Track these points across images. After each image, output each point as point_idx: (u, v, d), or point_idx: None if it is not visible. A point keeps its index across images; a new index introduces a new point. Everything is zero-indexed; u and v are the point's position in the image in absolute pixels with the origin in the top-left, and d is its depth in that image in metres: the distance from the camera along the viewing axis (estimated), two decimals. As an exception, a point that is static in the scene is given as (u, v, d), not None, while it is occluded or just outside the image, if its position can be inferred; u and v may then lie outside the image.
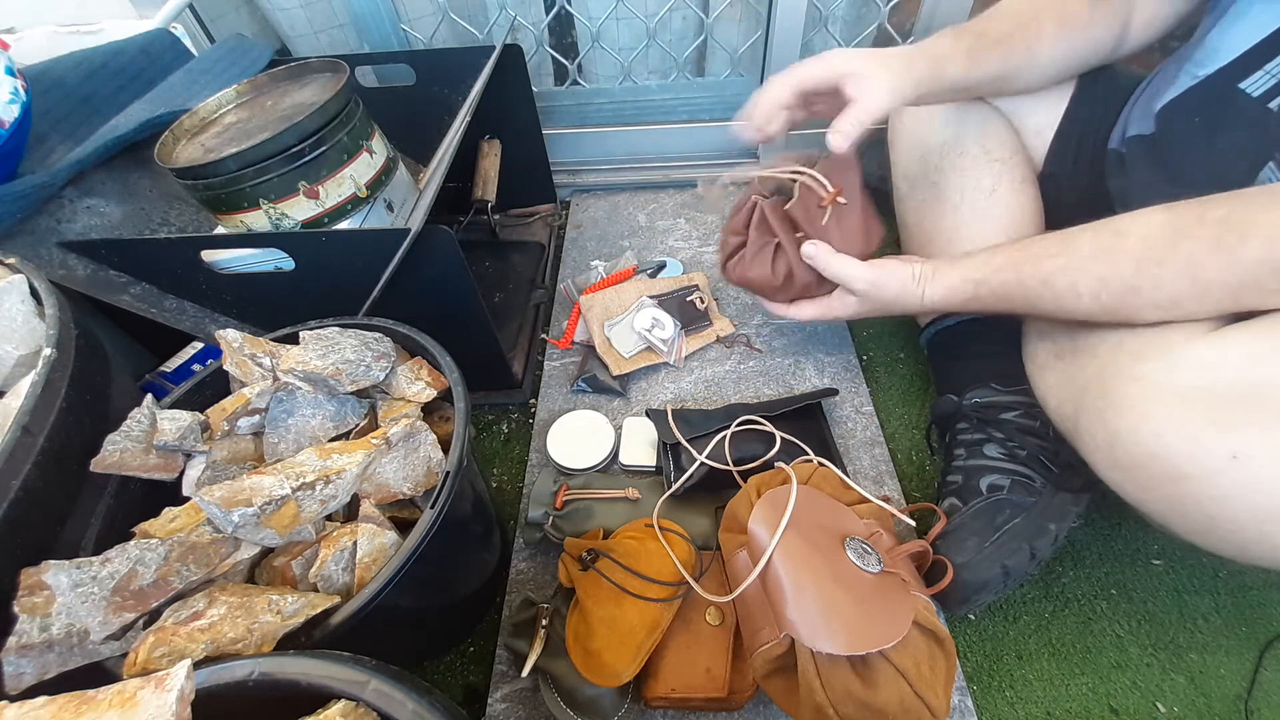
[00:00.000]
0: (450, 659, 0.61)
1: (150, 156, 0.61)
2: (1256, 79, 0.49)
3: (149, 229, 0.68)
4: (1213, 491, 0.39)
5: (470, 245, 1.03)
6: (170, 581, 0.38)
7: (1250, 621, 0.60)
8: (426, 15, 1.03)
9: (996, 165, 0.63)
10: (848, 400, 0.78)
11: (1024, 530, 0.57)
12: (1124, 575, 0.64)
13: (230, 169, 0.58)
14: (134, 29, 0.80)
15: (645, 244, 1.04)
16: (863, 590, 0.47)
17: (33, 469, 0.39)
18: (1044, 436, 0.60)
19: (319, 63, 0.72)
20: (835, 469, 0.61)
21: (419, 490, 0.47)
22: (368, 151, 0.68)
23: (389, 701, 0.31)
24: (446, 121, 0.85)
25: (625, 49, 1.07)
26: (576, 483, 0.68)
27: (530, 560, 0.66)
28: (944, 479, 0.66)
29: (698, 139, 1.14)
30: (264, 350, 0.50)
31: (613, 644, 0.49)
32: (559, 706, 0.52)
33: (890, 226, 0.94)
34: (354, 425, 0.51)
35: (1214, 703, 0.56)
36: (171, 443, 0.45)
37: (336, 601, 0.39)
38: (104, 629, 0.36)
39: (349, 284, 0.59)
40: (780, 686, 0.47)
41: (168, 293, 0.64)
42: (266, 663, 0.33)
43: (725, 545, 0.55)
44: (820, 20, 1.01)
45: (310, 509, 0.42)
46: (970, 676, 0.58)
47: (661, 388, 0.81)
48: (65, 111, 0.69)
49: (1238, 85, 0.50)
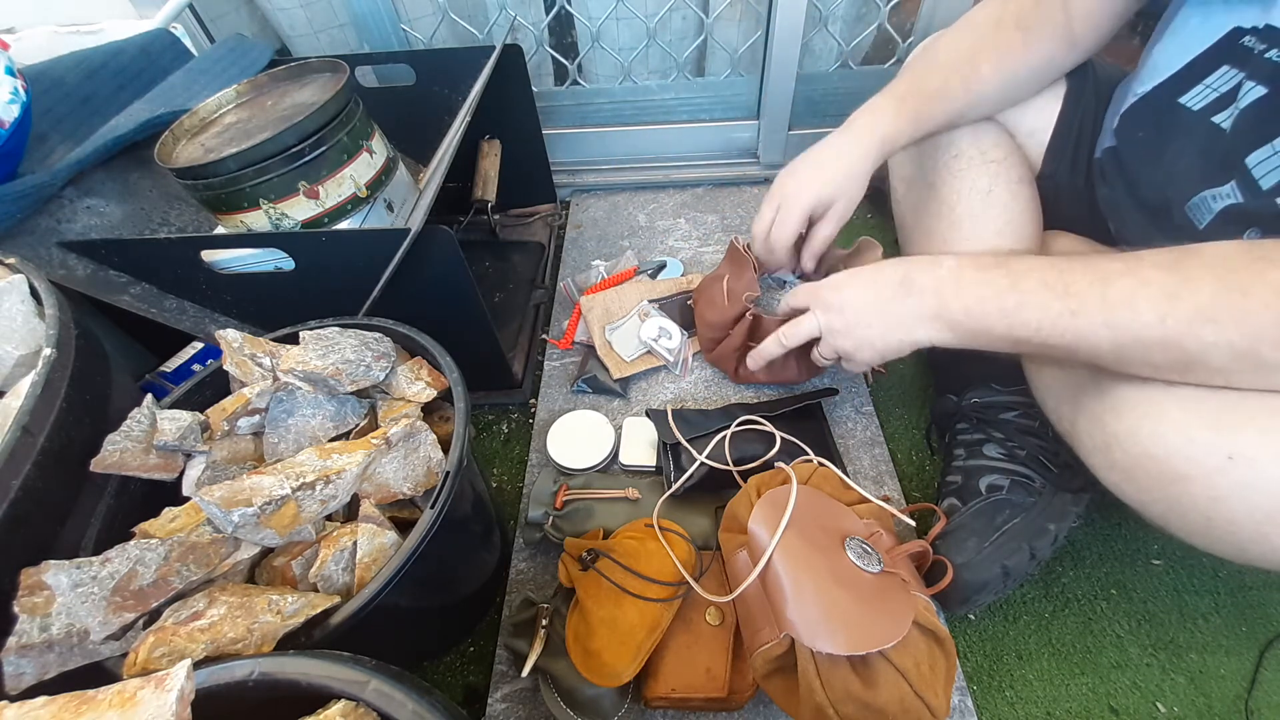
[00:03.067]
0: (450, 659, 0.61)
1: (150, 156, 0.61)
2: (1196, 93, 0.48)
3: (149, 229, 0.68)
4: (1210, 492, 0.39)
5: (470, 245, 1.03)
6: (170, 581, 0.38)
7: (1250, 621, 0.60)
8: (426, 15, 1.03)
9: (992, 166, 0.63)
10: (848, 400, 0.78)
11: (1024, 530, 0.57)
12: (1124, 575, 0.64)
13: (230, 169, 0.58)
14: (134, 29, 0.80)
15: (645, 244, 1.04)
16: (863, 590, 0.47)
17: (33, 469, 0.39)
18: (1044, 436, 0.60)
19: (319, 63, 0.72)
20: (835, 469, 0.61)
21: (419, 490, 0.47)
22: (368, 151, 0.68)
23: (389, 701, 0.31)
24: (446, 121, 0.86)
25: (625, 49, 1.07)
26: (576, 483, 0.68)
27: (530, 560, 0.66)
28: (944, 479, 0.66)
29: (698, 139, 1.14)
30: (264, 350, 0.50)
31: (613, 644, 0.49)
32: (559, 706, 0.52)
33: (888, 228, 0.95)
34: (354, 425, 0.51)
35: (1214, 703, 0.56)
36: (171, 443, 0.45)
37: (336, 601, 0.39)
38: (104, 629, 0.36)
39: (349, 284, 0.59)
40: (780, 686, 0.47)
41: (168, 293, 0.64)
42: (266, 663, 0.33)
43: (725, 545, 0.55)
44: (820, 20, 1.01)
45: (310, 509, 0.42)
46: (970, 676, 0.58)
47: (661, 388, 0.81)
48: (65, 111, 0.69)
49: (1178, 100, 0.50)
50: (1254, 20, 0.44)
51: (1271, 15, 0.42)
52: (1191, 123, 0.49)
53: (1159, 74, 0.51)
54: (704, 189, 1.15)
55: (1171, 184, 0.51)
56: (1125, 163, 0.56)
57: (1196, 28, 0.48)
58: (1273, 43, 0.42)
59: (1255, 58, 0.43)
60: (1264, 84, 0.43)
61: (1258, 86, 0.43)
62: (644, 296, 0.85)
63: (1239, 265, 0.37)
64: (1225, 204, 0.47)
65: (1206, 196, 0.48)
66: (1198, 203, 0.49)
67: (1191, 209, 0.50)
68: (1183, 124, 0.49)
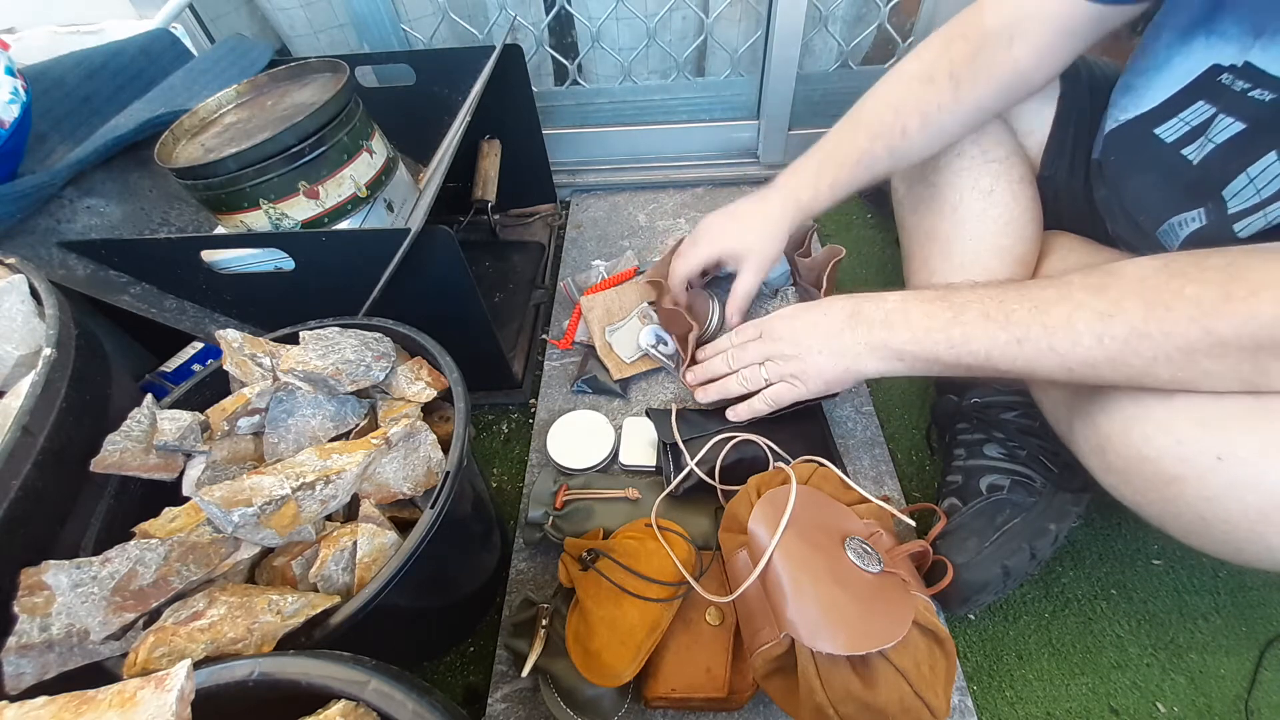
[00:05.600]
0: (450, 659, 0.61)
1: (150, 156, 0.61)
2: (1171, 125, 0.50)
3: (149, 229, 0.68)
4: (1204, 492, 0.39)
5: (470, 245, 1.03)
6: (170, 581, 0.38)
7: (1250, 621, 0.60)
8: (426, 15, 1.03)
9: (994, 165, 0.63)
10: (848, 400, 0.78)
11: (1024, 530, 0.57)
12: (1124, 575, 0.64)
13: (230, 169, 0.58)
14: (134, 29, 0.80)
15: (645, 244, 1.04)
16: (863, 590, 0.47)
17: (33, 469, 0.39)
18: (1044, 436, 0.60)
19: (319, 63, 0.72)
20: (835, 469, 0.61)
21: (419, 490, 0.47)
22: (368, 151, 0.68)
23: (389, 701, 0.31)
24: (446, 121, 0.85)
25: (625, 49, 1.07)
26: (576, 483, 0.68)
27: (530, 560, 0.66)
28: (944, 479, 0.66)
29: (698, 139, 1.14)
30: (264, 350, 0.50)
31: (613, 644, 0.49)
32: (559, 706, 0.52)
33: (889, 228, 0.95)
34: (354, 425, 0.51)
35: (1214, 703, 0.56)
36: (171, 443, 0.45)
37: (336, 601, 0.39)
38: (104, 629, 0.36)
39: (349, 284, 0.59)
40: (780, 686, 0.47)
41: (168, 293, 0.64)
42: (266, 663, 0.33)
43: (725, 545, 0.55)
44: (820, 20, 1.01)
45: (310, 509, 0.42)
46: (970, 676, 0.58)
47: (662, 388, 0.81)
48: (65, 111, 0.69)
49: (1153, 131, 0.51)
50: (1232, 58, 0.45)
51: (1250, 54, 0.44)
52: (1163, 154, 0.50)
53: (1141, 104, 0.52)
54: (704, 189, 1.15)
55: (1143, 210, 0.54)
56: (1109, 178, 0.58)
57: (1178, 64, 0.49)
58: (1252, 80, 0.44)
59: (1232, 94, 0.45)
60: (1242, 119, 0.45)
61: (1235, 122, 0.45)
62: (644, 298, 0.85)
63: (1158, 283, 0.39)
64: (1192, 229, 0.49)
65: (1174, 223, 0.50)
66: (1168, 229, 0.51)
67: (1163, 234, 0.52)
68: (1155, 154, 0.51)
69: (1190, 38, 0.48)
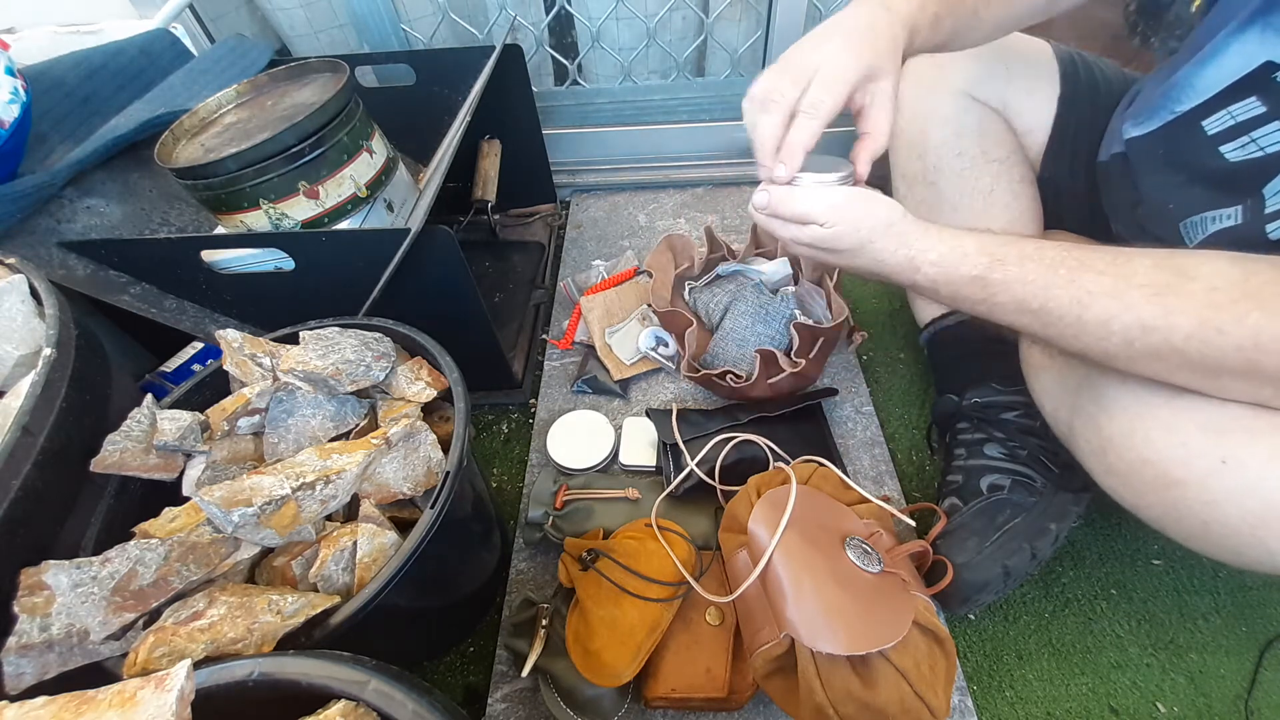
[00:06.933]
0: (450, 659, 0.61)
1: (150, 156, 0.61)
2: (1218, 118, 0.49)
3: (149, 229, 0.68)
4: (1205, 496, 0.39)
5: (470, 245, 1.03)
6: (170, 581, 0.38)
7: (1250, 621, 0.60)
8: (426, 15, 1.03)
9: (994, 165, 0.63)
10: (848, 400, 0.78)
11: (1024, 530, 0.57)
12: (1124, 575, 0.64)
13: (230, 169, 0.58)
14: (134, 29, 0.80)
15: (645, 244, 1.04)
16: (863, 590, 0.47)
17: (33, 469, 0.39)
18: (1044, 436, 0.60)
19: (319, 63, 0.72)
20: (835, 469, 0.61)
21: (419, 490, 0.47)
22: (368, 151, 0.68)
23: (389, 701, 0.31)
24: (446, 121, 0.85)
25: (625, 49, 1.07)
26: (576, 483, 0.68)
27: (530, 560, 0.66)
28: (944, 479, 0.66)
29: (698, 139, 1.14)
30: (264, 350, 0.50)
31: (613, 644, 0.49)
32: (559, 706, 0.52)
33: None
34: (354, 425, 0.51)
35: (1214, 703, 0.56)
36: (171, 443, 0.45)
37: (336, 601, 0.39)
38: (104, 629, 0.36)
39: (349, 284, 0.59)
40: (780, 686, 0.47)
41: (168, 293, 0.64)
42: (266, 663, 0.33)
43: (725, 545, 0.55)
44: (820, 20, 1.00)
45: (310, 509, 0.42)
46: (970, 676, 0.58)
47: (662, 388, 0.81)
48: (65, 111, 0.69)
49: (1200, 123, 0.50)
50: None
51: None
52: (1205, 146, 0.49)
53: (1195, 95, 0.50)
54: (704, 189, 1.15)
55: (1174, 199, 0.52)
56: (1134, 170, 0.56)
57: (1235, 55, 0.47)
58: None
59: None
60: None
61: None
62: (644, 299, 0.85)
63: (1223, 301, 0.36)
64: (1223, 226, 0.48)
65: (1206, 217, 0.49)
66: (1195, 221, 0.50)
67: (1187, 226, 0.51)
68: (1194, 144, 0.50)
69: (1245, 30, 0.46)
